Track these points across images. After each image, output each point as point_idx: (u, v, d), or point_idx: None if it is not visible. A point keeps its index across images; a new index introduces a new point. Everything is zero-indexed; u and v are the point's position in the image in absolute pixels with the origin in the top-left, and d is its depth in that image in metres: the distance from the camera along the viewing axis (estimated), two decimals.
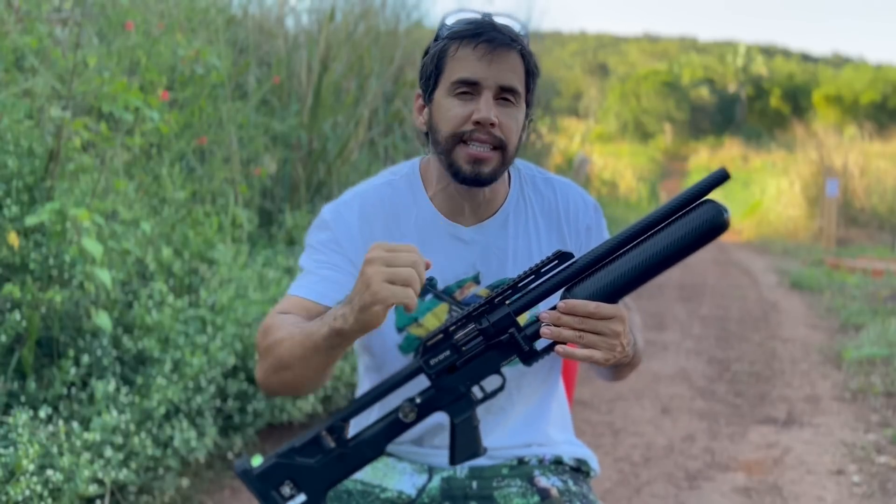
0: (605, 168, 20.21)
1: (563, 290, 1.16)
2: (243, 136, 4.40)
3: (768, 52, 43.61)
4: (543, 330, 1.13)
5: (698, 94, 34.40)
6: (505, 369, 1.36)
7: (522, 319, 1.20)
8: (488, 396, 1.20)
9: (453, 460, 1.21)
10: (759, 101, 34.03)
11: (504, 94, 1.26)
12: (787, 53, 46.94)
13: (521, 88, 1.27)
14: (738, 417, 4.14)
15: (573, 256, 1.15)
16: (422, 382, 1.20)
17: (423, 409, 1.18)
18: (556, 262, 1.15)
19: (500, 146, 1.26)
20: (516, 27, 1.29)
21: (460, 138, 1.25)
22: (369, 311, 1.06)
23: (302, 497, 1.17)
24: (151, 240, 3.05)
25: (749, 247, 13.93)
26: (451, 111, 1.26)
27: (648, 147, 29.36)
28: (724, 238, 16.34)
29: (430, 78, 1.29)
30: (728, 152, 27.13)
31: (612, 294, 1.12)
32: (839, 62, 44.01)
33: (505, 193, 1.38)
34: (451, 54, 1.27)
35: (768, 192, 17.25)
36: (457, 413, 1.19)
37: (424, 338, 1.17)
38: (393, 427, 1.19)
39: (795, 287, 8.75)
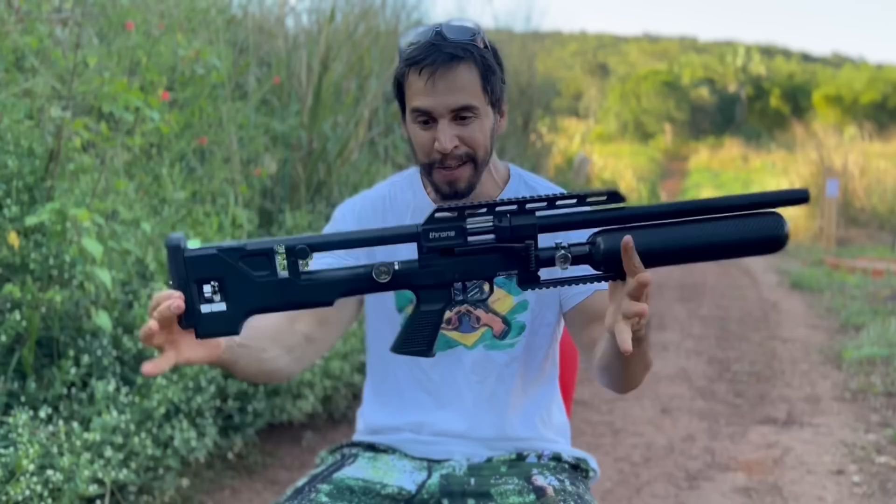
0: (605, 168, 20.21)
1: (597, 230, 1.06)
2: (243, 136, 4.40)
3: (768, 52, 43.62)
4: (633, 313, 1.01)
5: (698, 94, 34.41)
6: (503, 362, 1.40)
7: None
8: (467, 301, 1.10)
9: (393, 346, 1.12)
10: (759, 101, 34.04)
11: (461, 113, 1.29)
12: (786, 53, 46.94)
13: (475, 101, 1.29)
14: (738, 417, 4.14)
15: (625, 200, 1.04)
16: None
17: (399, 278, 1.06)
18: (606, 199, 1.03)
19: (469, 159, 1.31)
20: (468, 26, 1.30)
21: (433, 165, 1.32)
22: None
23: (221, 306, 1.02)
24: (151, 240, 3.04)
25: None
26: (417, 138, 1.33)
27: (648, 147, 29.36)
28: None
29: (400, 101, 1.37)
30: (728, 152, 27.16)
31: (657, 256, 1.03)
32: (839, 62, 44.01)
33: (501, 189, 1.43)
34: (406, 80, 1.32)
35: None
36: (427, 300, 1.07)
37: (436, 207, 1.06)
38: (358, 280, 1.05)
39: (795, 287, 8.75)
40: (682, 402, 4.38)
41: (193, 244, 1.02)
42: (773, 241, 1.03)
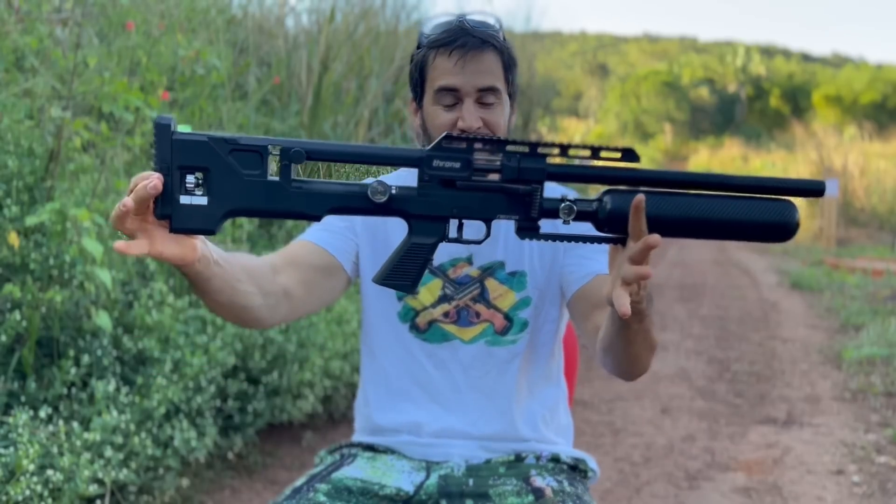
0: None
1: (607, 189, 1.02)
2: None
3: (768, 52, 43.62)
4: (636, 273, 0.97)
5: (698, 94, 34.42)
6: (504, 358, 1.40)
7: None
8: (461, 241, 1.04)
9: (375, 277, 1.06)
10: (759, 101, 34.05)
11: (485, 96, 1.30)
12: (786, 53, 46.94)
13: (500, 85, 1.31)
14: (738, 417, 4.14)
15: (639, 160, 1.00)
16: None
17: (394, 202, 0.99)
18: (621, 156, 0.99)
19: None
20: (491, 21, 1.33)
21: None
22: None
23: (202, 200, 0.95)
24: None
25: (749, 247, 13.93)
26: (437, 119, 1.32)
27: (648, 147, 29.36)
28: None
29: (417, 86, 1.37)
30: (728, 152, 27.16)
31: (665, 224, 0.99)
32: (839, 62, 44.02)
33: None
34: (431, 63, 1.32)
35: None
36: (420, 231, 1.02)
37: (446, 133, 1.01)
38: (351, 197, 0.99)
39: (795, 287, 8.75)
40: (682, 402, 4.38)
41: (184, 129, 0.95)
42: (783, 228, 1.00)
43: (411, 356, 1.43)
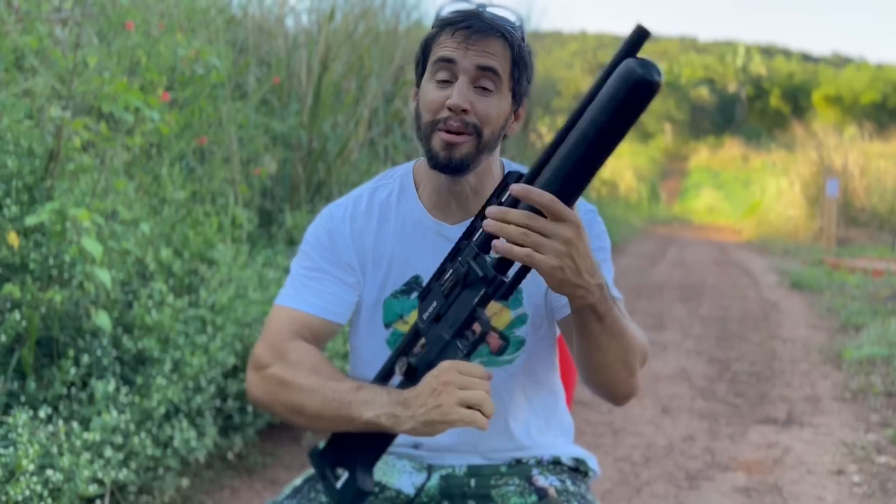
0: (605, 167, 20.18)
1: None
2: (243, 136, 4.40)
3: (768, 51, 43.61)
4: (486, 223, 1.06)
5: (698, 93, 34.44)
6: (500, 379, 1.35)
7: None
8: (474, 343, 1.15)
9: None
10: (759, 101, 34.08)
11: (482, 81, 1.24)
12: (787, 53, 46.91)
13: (501, 72, 1.24)
14: (738, 417, 4.14)
15: (522, 175, 1.09)
16: None
17: (420, 363, 1.17)
18: (506, 183, 1.11)
19: (474, 131, 1.24)
20: (511, 18, 1.27)
21: (436, 125, 1.25)
22: (434, 427, 1.12)
23: (345, 475, 1.23)
24: (151, 240, 3.04)
25: (749, 247, 13.93)
26: (429, 96, 1.25)
27: (648, 147, 29.37)
28: (725, 238, 16.35)
29: (419, 64, 1.30)
30: (728, 152, 27.19)
31: (562, 192, 1.03)
32: (839, 62, 44.00)
33: None
34: (436, 40, 1.26)
35: (768, 192, 17.28)
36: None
37: (420, 292, 1.18)
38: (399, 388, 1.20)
39: (795, 287, 8.75)
40: (682, 402, 4.38)
41: (321, 445, 1.28)
42: (637, 84, 0.99)
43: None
